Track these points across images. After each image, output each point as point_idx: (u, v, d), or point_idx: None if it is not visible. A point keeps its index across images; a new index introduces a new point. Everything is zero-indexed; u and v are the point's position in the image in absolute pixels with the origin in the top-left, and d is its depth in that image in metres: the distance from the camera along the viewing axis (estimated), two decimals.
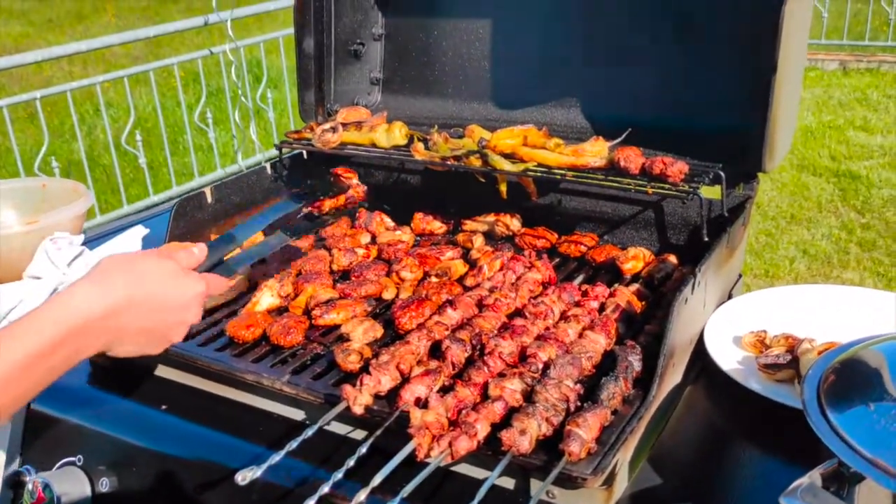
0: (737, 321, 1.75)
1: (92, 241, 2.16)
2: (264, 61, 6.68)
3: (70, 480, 1.56)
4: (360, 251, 2.01)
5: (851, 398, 1.22)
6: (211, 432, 1.55)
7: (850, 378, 1.28)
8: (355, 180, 2.39)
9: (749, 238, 5.70)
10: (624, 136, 1.94)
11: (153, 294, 1.22)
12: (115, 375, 1.71)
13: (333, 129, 2.14)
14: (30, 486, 1.55)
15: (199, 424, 1.57)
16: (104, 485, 1.56)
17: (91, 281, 1.17)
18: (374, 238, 2.14)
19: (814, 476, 1.10)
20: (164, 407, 1.61)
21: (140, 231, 2.15)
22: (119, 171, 5.85)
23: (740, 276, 2.00)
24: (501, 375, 1.46)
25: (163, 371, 1.70)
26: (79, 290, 1.15)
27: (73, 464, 1.59)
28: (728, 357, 1.65)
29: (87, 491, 1.56)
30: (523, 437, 1.29)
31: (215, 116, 6.39)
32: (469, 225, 2.16)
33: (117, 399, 1.65)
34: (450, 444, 1.29)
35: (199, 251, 1.36)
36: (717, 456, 1.50)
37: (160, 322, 1.25)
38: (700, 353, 1.68)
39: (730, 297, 1.92)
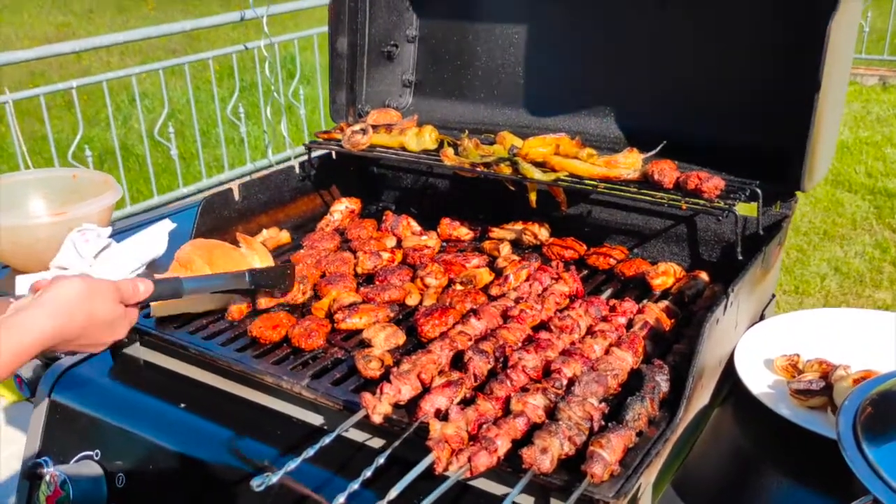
0: (768, 343, 1.71)
1: (119, 234, 2.16)
2: (298, 58, 6.70)
3: (87, 474, 1.55)
4: (385, 255, 1.99)
5: (890, 433, 1.18)
6: (228, 432, 1.54)
7: (889, 411, 1.23)
8: (343, 205, 2.32)
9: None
10: (658, 148, 1.90)
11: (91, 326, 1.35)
12: (136, 371, 1.70)
13: (363, 131, 2.12)
14: (47, 478, 1.55)
15: (217, 424, 1.56)
16: (120, 480, 1.56)
17: (49, 315, 1.29)
18: (399, 242, 2.12)
19: None
20: (182, 405, 1.60)
21: (167, 226, 2.15)
22: (151, 162, 5.90)
23: (773, 296, 1.95)
24: (524, 390, 1.43)
25: (183, 369, 1.69)
26: (36, 322, 1.27)
27: (90, 458, 1.59)
28: (758, 380, 1.60)
29: (103, 485, 1.56)
30: (545, 456, 1.26)
31: (247, 111, 6.42)
32: (496, 232, 2.13)
33: (138, 395, 1.65)
34: (469, 460, 1.26)
35: (143, 289, 1.46)
36: (744, 482, 1.46)
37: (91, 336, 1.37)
38: (729, 375, 1.64)
39: (762, 317, 1.88)
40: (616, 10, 2.12)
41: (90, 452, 1.59)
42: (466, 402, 1.41)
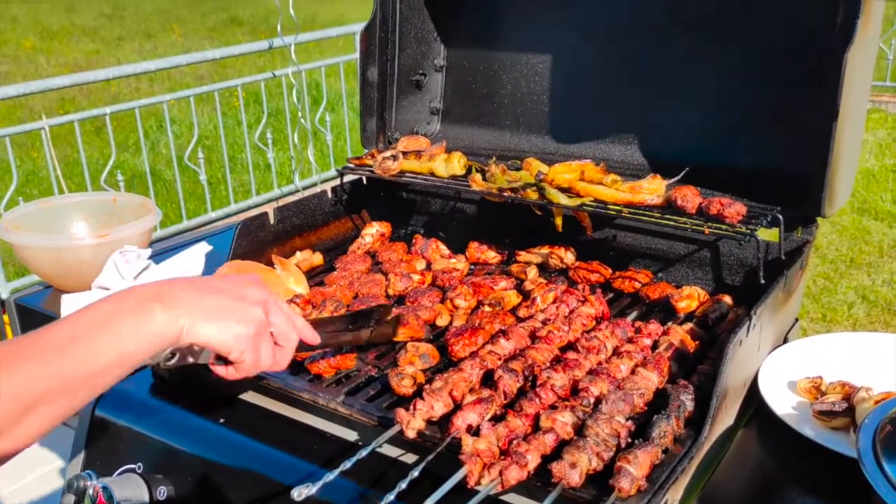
0: (792, 366, 1.74)
1: (158, 256, 2.24)
2: (324, 85, 6.83)
3: (129, 487, 1.61)
4: (416, 277, 2.05)
5: None
6: (265, 448, 1.59)
7: None
8: (374, 228, 2.34)
9: (807, 281, 5.62)
10: (682, 175, 1.95)
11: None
12: (177, 387, 1.76)
13: (394, 157, 2.19)
14: (90, 491, 1.61)
15: (255, 439, 1.61)
16: (161, 493, 1.61)
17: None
18: (429, 265, 2.18)
19: None
20: (221, 420, 1.65)
21: (204, 248, 2.23)
22: (180, 186, 6.02)
23: (797, 319, 1.98)
24: (553, 407, 1.47)
25: (222, 386, 1.75)
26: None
27: (132, 471, 1.64)
28: (782, 402, 1.64)
29: (146, 498, 1.61)
30: (574, 471, 1.30)
31: (274, 137, 6.54)
32: (523, 256, 2.18)
33: (178, 410, 1.70)
34: (500, 473, 1.30)
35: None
36: (768, 501, 1.49)
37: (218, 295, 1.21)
38: (753, 396, 1.67)
39: (785, 340, 1.91)
40: (639, 39, 2.18)
41: (132, 465, 1.65)
42: (497, 419, 1.46)
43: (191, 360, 1.29)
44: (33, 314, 2.07)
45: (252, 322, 1.22)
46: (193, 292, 1.17)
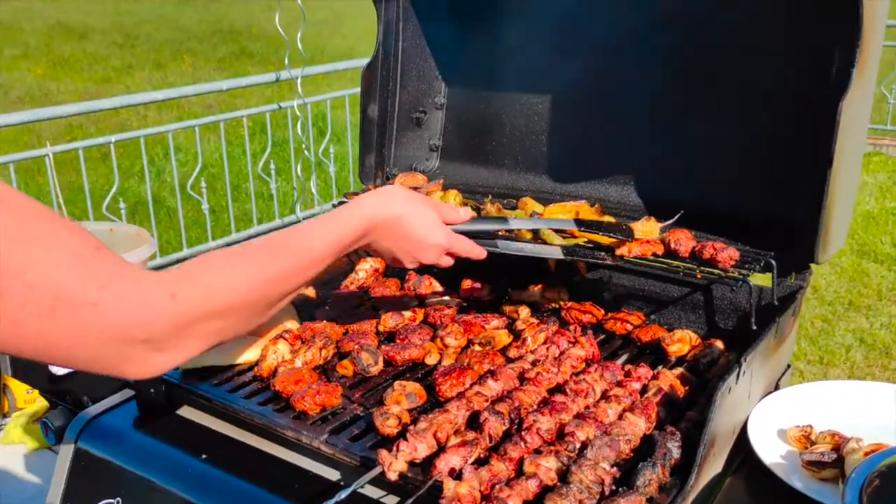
0: (782, 413, 1.72)
1: None
2: (329, 117, 6.88)
3: None
4: (407, 314, 2.04)
5: None
6: (247, 486, 1.57)
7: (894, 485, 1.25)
8: (368, 264, 2.36)
9: (804, 323, 5.61)
10: (676, 217, 1.95)
11: (411, 229, 1.56)
12: (160, 421, 1.75)
13: None
14: None
15: (236, 476, 1.59)
16: None
17: (377, 195, 1.54)
18: (421, 301, 2.17)
19: None
20: (203, 456, 1.64)
21: None
22: (182, 214, 6.04)
23: (789, 366, 1.97)
24: (538, 452, 1.45)
25: (207, 420, 1.74)
26: (367, 199, 1.52)
27: None
28: (771, 450, 1.62)
29: None
30: None
31: (278, 167, 6.58)
32: (516, 295, 2.17)
33: (160, 444, 1.69)
34: None
35: (463, 213, 1.70)
36: None
37: (400, 248, 1.59)
38: (742, 444, 1.65)
39: (777, 387, 1.89)
40: (639, 82, 2.19)
41: (111, 500, 1.63)
42: (481, 462, 1.44)
43: None
44: None
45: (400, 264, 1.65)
46: (386, 244, 1.57)
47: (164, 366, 1.11)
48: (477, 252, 1.72)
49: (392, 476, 1.41)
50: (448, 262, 1.70)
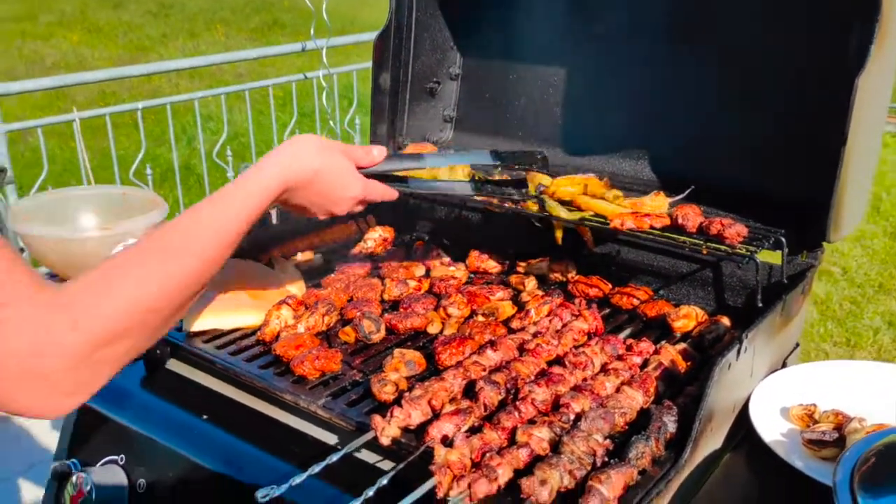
0: (787, 392, 1.70)
1: None
2: (356, 88, 6.86)
3: (110, 478, 1.63)
4: (412, 283, 2.04)
5: (888, 486, 1.17)
6: (246, 446, 1.59)
7: (891, 464, 1.23)
8: (377, 233, 2.36)
9: (832, 305, 5.52)
10: (686, 193, 1.92)
11: (325, 184, 1.49)
12: (165, 382, 1.78)
13: None
14: (74, 479, 1.63)
15: (237, 437, 1.61)
16: (141, 485, 1.62)
17: (290, 152, 1.44)
18: (428, 271, 2.17)
19: None
20: (205, 416, 1.66)
21: None
22: (209, 182, 6.09)
23: (797, 345, 1.94)
24: (531, 422, 1.45)
25: (210, 382, 1.76)
26: (281, 158, 1.43)
27: (115, 462, 1.66)
28: (772, 428, 1.60)
29: (126, 490, 1.63)
30: (543, 488, 1.28)
31: None
32: (523, 267, 2.16)
33: (164, 405, 1.72)
34: (469, 486, 1.29)
35: (377, 153, 1.60)
36: None
37: (315, 203, 1.52)
38: (744, 422, 1.63)
39: (784, 365, 1.87)
40: (654, 56, 2.16)
41: (115, 457, 1.66)
42: (474, 431, 1.44)
43: None
44: None
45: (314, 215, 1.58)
46: (301, 199, 1.49)
47: (67, 405, 1.03)
48: (389, 194, 1.66)
49: (384, 441, 1.42)
50: (360, 208, 1.63)
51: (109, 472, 1.63)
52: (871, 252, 6.24)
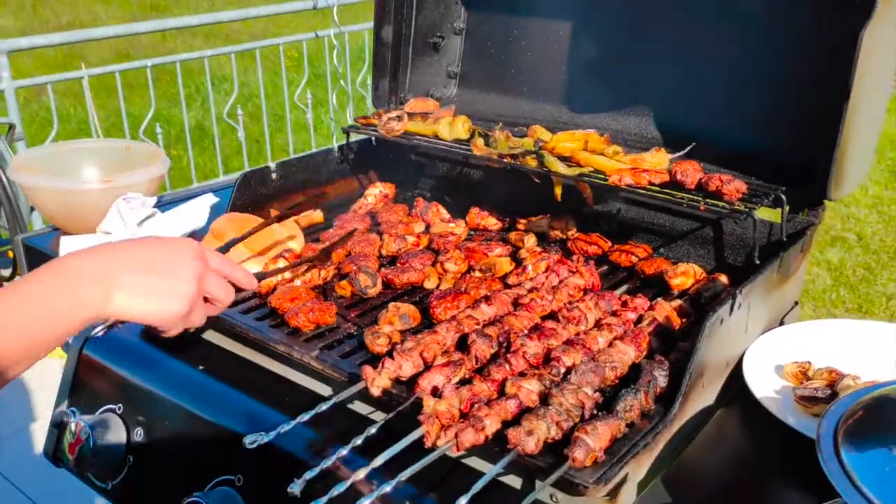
0: (783, 350, 1.69)
1: (165, 206, 2.27)
2: (367, 47, 6.81)
3: (108, 426, 1.65)
4: (411, 239, 2.04)
5: (873, 439, 1.17)
6: (241, 396, 1.61)
7: (878, 418, 1.22)
8: (377, 189, 2.35)
9: (846, 271, 5.48)
10: (687, 149, 1.90)
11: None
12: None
13: (399, 118, 2.17)
14: (72, 427, 1.66)
15: (232, 387, 1.63)
16: (138, 434, 1.65)
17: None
18: (428, 228, 2.17)
19: None
20: (201, 367, 1.68)
21: (209, 199, 2.25)
22: (219, 143, 6.09)
23: (796, 303, 1.93)
24: (522, 375, 1.46)
25: (206, 333, 1.78)
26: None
27: (113, 411, 1.69)
28: (765, 385, 1.60)
29: (123, 438, 1.65)
30: (529, 438, 1.29)
31: (317, 98, 6.56)
32: (523, 224, 2.15)
33: (161, 355, 1.74)
34: (456, 435, 1.30)
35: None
36: (737, 484, 1.46)
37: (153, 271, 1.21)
38: (738, 378, 1.63)
39: (781, 324, 1.86)
40: (658, 11, 2.12)
41: (113, 406, 1.69)
42: (465, 383, 1.45)
43: (119, 325, 1.35)
44: (38, 254, 2.12)
45: (185, 299, 1.23)
46: (128, 272, 1.17)
47: None
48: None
49: (375, 392, 1.43)
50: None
51: (108, 421, 1.65)
52: (888, 218, 6.17)
